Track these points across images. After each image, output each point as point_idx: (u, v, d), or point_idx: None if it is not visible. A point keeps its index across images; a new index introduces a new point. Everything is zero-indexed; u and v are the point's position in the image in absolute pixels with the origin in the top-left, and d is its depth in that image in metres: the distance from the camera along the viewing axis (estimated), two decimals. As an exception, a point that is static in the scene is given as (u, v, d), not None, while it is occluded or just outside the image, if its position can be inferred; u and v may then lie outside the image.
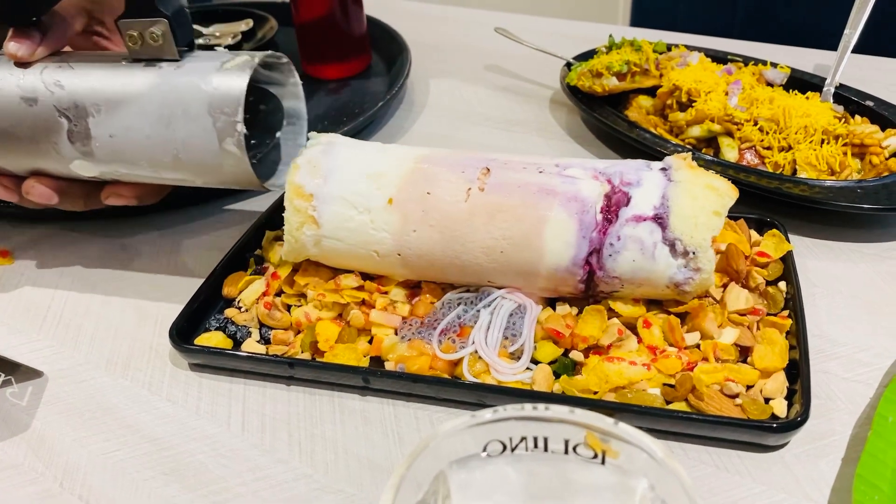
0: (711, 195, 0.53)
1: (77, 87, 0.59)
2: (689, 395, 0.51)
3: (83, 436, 0.54)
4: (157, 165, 0.60)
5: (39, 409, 0.57)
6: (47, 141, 0.61)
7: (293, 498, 0.49)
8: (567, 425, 0.36)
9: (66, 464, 0.52)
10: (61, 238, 0.76)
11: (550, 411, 0.36)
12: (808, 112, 0.72)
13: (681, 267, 0.53)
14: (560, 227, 0.54)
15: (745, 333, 0.54)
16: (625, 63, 0.82)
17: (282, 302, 0.61)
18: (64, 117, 0.59)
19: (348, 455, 0.51)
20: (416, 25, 1.19)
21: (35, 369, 0.60)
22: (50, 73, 0.60)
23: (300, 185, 0.58)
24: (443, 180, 0.57)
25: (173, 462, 0.52)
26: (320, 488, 0.49)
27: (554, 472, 0.37)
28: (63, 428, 0.55)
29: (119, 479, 0.51)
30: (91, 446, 0.53)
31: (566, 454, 0.36)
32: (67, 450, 0.53)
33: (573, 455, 0.36)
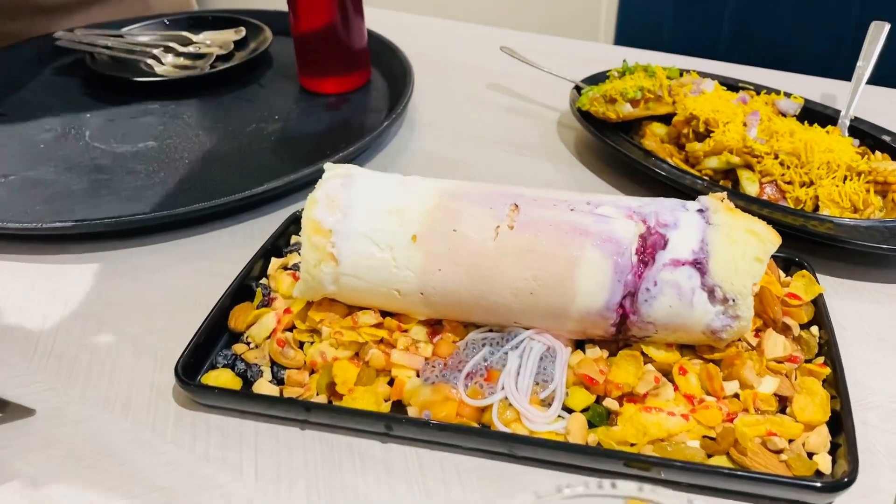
0: (753, 240, 0.51)
1: None
2: (731, 449, 0.49)
3: (82, 485, 0.51)
4: None
5: (32, 453, 0.53)
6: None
7: (316, 558, 0.46)
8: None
9: (67, 518, 0.49)
10: (51, 261, 0.72)
11: (617, 489, 0.33)
12: (831, 147, 0.71)
13: (719, 314, 0.51)
14: (594, 269, 0.52)
15: (785, 383, 0.52)
16: (639, 89, 0.80)
17: (295, 338, 0.58)
18: None
19: (372, 510, 0.49)
20: (419, 40, 1.16)
21: (25, 407, 0.56)
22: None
23: (318, 221, 0.55)
24: (469, 217, 0.54)
25: (184, 516, 0.48)
26: (345, 548, 0.47)
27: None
28: (59, 475, 0.51)
29: (126, 536, 0.47)
30: (92, 497, 0.50)
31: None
32: (65, 500, 0.49)
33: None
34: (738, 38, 1.36)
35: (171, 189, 0.79)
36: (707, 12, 1.35)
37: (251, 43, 1.10)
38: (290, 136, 0.90)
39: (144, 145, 0.88)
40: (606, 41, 2.05)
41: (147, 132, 0.91)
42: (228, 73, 1.02)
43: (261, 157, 0.85)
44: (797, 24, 1.33)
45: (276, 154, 0.86)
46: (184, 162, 0.84)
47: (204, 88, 1.01)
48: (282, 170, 0.77)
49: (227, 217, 0.76)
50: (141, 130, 0.91)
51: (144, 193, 0.79)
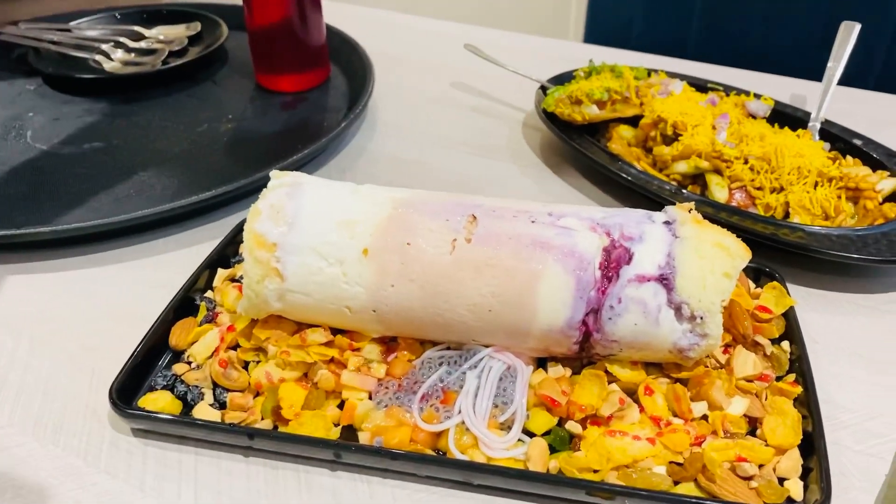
0: (721, 255, 0.49)
1: None
2: (699, 476, 0.46)
3: (5, 521, 0.47)
4: None
5: (-48, 484, 0.49)
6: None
7: None
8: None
9: (-16, 560, 0.45)
10: (-18, 272, 0.68)
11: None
12: (802, 152, 0.68)
13: (686, 332, 0.49)
14: (555, 284, 0.49)
15: (755, 403, 0.50)
16: (605, 90, 0.78)
17: (238, 358, 0.54)
18: None
19: (319, 546, 0.45)
20: (380, 36, 1.12)
21: (-53, 433, 0.52)
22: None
23: (262, 234, 0.51)
24: (424, 229, 0.51)
25: (113, 557, 0.45)
26: (287, 589, 0.43)
27: None
28: (-20, 510, 0.47)
29: (48, 580, 0.44)
30: (14, 536, 0.46)
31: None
32: (-15, 541, 0.46)
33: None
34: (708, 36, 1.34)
35: (115, 194, 0.75)
36: (677, 9, 1.32)
37: (206, 38, 1.06)
38: (244, 137, 0.86)
39: (90, 146, 0.84)
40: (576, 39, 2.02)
41: (93, 133, 0.86)
42: (181, 70, 0.98)
43: (211, 160, 0.81)
44: (768, 23, 1.32)
45: (228, 156, 0.82)
46: (130, 165, 0.80)
47: (155, 86, 0.96)
48: (233, 173, 0.74)
49: (173, 224, 0.72)
50: (86, 131, 0.87)
51: (87, 199, 0.74)
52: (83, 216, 0.70)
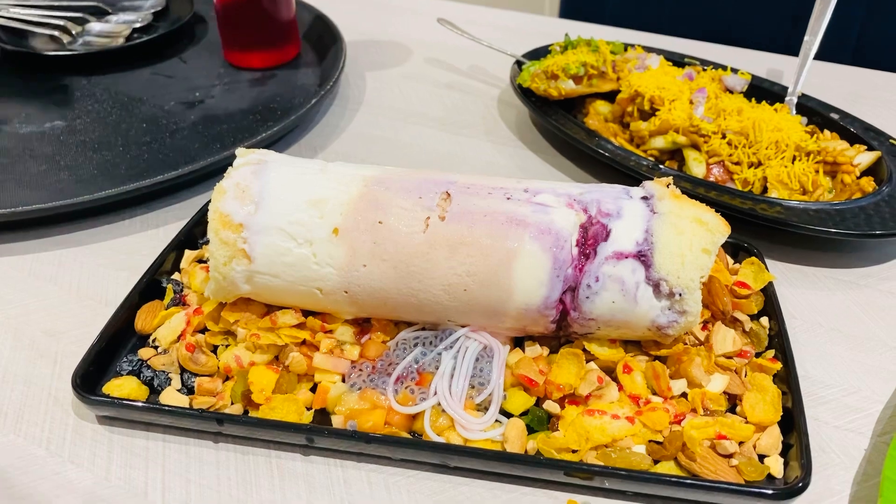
0: (700, 230, 0.48)
1: None
2: (679, 454, 0.45)
3: (-37, 513, 0.45)
4: None
5: None
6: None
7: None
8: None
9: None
10: (-61, 256, 0.65)
11: None
12: (780, 126, 0.68)
13: (665, 309, 0.48)
14: (532, 263, 0.48)
15: (735, 380, 0.49)
16: (581, 65, 0.76)
17: (206, 341, 0.53)
18: None
19: (291, 533, 0.44)
20: (352, 12, 1.10)
21: None
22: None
23: (227, 214, 0.50)
24: (397, 207, 0.49)
25: (78, 549, 0.43)
26: (259, 578, 0.42)
27: None
28: (-62, 503, 0.45)
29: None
30: (-27, 529, 0.44)
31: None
32: (-57, 535, 0.44)
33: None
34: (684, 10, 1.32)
35: (78, 174, 0.72)
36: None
37: (172, 14, 1.03)
38: (212, 115, 0.83)
39: (51, 126, 0.81)
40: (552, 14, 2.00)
41: (55, 111, 0.84)
42: (147, 47, 0.95)
43: (178, 139, 0.78)
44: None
45: (196, 135, 0.79)
46: (94, 144, 0.77)
47: (120, 63, 0.93)
48: (200, 152, 0.71)
49: (139, 205, 0.70)
50: (48, 109, 0.84)
51: (48, 180, 0.72)
52: (44, 197, 0.67)
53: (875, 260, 0.64)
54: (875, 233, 0.60)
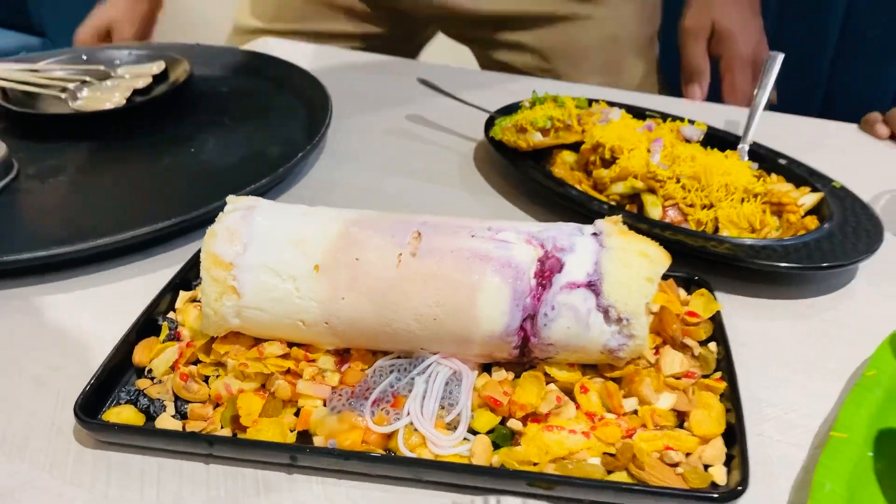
0: (644, 262, 0.53)
1: None
2: (629, 465, 0.50)
3: (-28, 532, 0.49)
4: None
5: (-80, 500, 0.51)
6: None
7: None
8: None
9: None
10: (-51, 300, 0.70)
11: None
12: (729, 171, 0.74)
13: (615, 333, 0.53)
14: (494, 294, 0.53)
15: (682, 398, 0.54)
16: (548, 119, 0.83)
17: (199, 372, 0.57)
18: None
19: (275, 543, 0.48)
20: (338, 72, 1.17)
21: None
22: None
23: (218, 255, 0.55)
24: (372, 245, 0.55)
25: (78, 559, 0.47)
26: (245, 582, 0.46)
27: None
28: (-52, 522, 0.49)
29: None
30: (-18, 543, 0.48)
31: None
32: (-46, 549, 0.48)
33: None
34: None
35: (77, 225, 0.77)
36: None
37: (170, 76, 1.10)
38: (205, 168, 0.89)
39: (54, 180, 0.86)
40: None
41: (57, 167, 0.89)
42: (146, 107, 1.01)
43: (173, 191, 0.84)
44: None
45: (190, 187, 0.85)
46: (93, 197, 0.83)
47: (120, 122, 1.00)
48: (194, 202, 0.77)
49: (135, 252, 0.75)
50: (51, 165, 0.90)
51: (49, 230, 0.77)
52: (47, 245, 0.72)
53: (818, 291, 0.69)
54: (816, 265, 0.66)
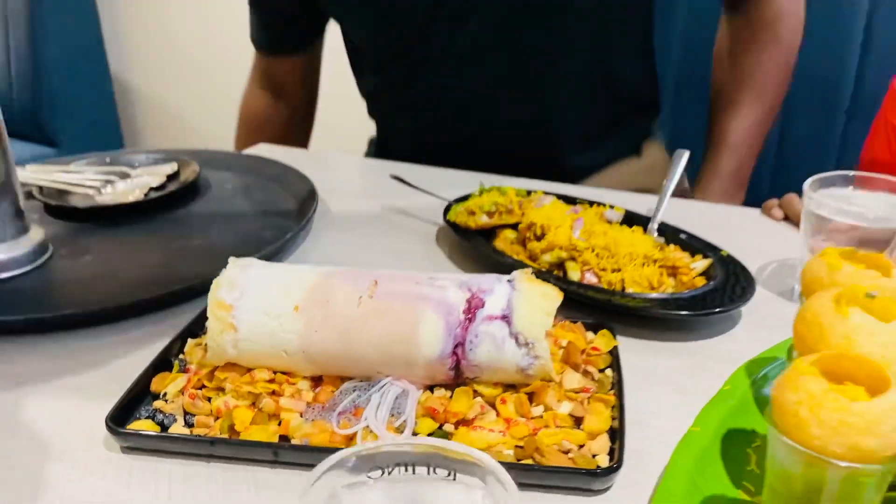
0: (543, 300, 0.70)
1: None
2: (534, 454, 0.65)
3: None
4: None
5: (-16, 490, 0.65)
6: None
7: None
8: (427, 454, 0.49)
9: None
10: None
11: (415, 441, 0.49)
12: (633, 242, 0.91)
13: (524, 355, 0.69)
14: (432, 325, 0.69)
15: (578, 407, 0.69)
16: (493, 204, 1.01)
17: (203, 394, 0.73)
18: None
19: (260, 513, 0.63)
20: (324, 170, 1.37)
21: (-23, 459, 0.69)
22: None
23: (221, 299, 0.71)
24: (339, 291, 0.71)
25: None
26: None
27: (419, 489, 0.50)
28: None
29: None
30: (34, 516, 0.62)
31: (428, 475, 0.49)
32: (13, 520, 0.62)
33: (433, 474, 0.49)
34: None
35: (105, 290, 0.94)
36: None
37: (182, 175, 1.29)
38: (210, 249, 1.06)
39: (83, 259, 1.04)
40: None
41: (83, 250, 1.06)
42: (160, 200, 1.20)
43: (184, 265, 1.01)
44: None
45: (197, 264, 1.02)
46: (115, 272, 1.00)
47: (139, 212, 1.18)
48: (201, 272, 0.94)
49: (153, 310, 0.91)
50: (78, 249, 1.06)
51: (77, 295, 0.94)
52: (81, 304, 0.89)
53: (705, 335, 0.86)
54: (695, 312, 0.83)
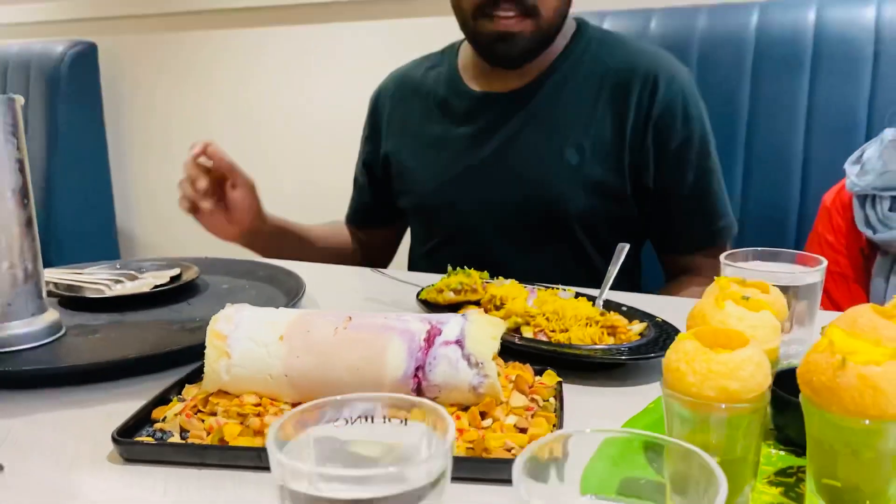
0: (490, 327, 0.83)
1: None
2: (482, 453, 0.75)
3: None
4: None
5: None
6: None
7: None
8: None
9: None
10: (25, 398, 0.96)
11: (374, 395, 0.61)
12: (578, 307, 1.05)
13: (475, 374, 0.81)
14: (396, 349, 0.82)
15: (523, 420, 0.80)
16: (459, 283, 1.16)
17: (198, 418, 0.83)
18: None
19: None
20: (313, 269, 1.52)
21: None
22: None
23: (219, 331, 0.84)
24: (319, 323, 0.85)
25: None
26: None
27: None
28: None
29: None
30: (45, 504, 0.72)
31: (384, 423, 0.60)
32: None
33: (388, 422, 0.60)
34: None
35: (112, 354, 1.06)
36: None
37: (184, 277, 1.44)
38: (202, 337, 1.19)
39: (92, 336, 1.16)
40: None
41: (94, 329, 1.19)
42: (164, 294, 1.34)
43: (183, 337, 1.14)
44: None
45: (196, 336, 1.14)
46: (122, 344, 1.12)
47: (143, 304, 1.31)
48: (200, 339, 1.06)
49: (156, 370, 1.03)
50: (90, 327, 1.19)
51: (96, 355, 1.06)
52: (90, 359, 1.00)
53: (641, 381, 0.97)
54: (633, 357, 0.95)
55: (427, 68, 1.72)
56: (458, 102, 1.63)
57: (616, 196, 1.54)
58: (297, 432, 0.59)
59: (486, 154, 1.57)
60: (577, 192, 1.52)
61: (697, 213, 1.56)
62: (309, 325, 0.84)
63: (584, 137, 1.51)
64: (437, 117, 1.65)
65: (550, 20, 1.46)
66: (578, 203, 1.52)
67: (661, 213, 1.57)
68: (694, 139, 1.52)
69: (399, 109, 1.71)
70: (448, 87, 1.64)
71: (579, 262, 1.58)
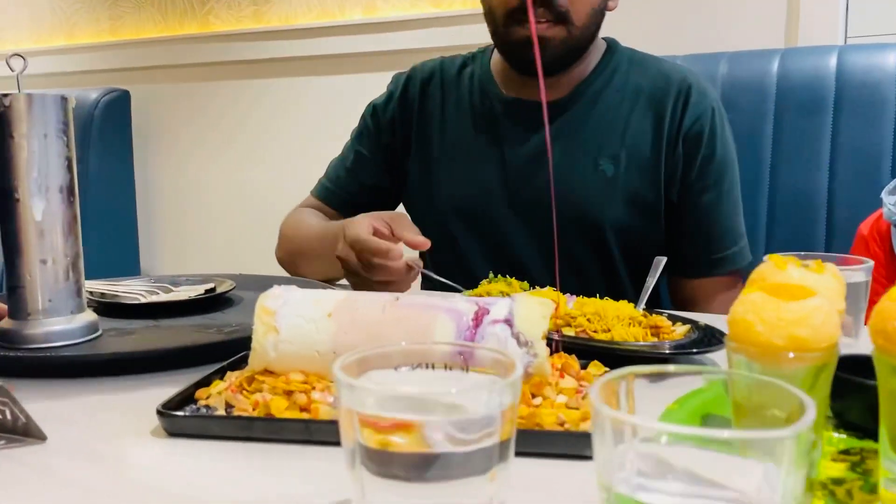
0: (540, 307, 0.82)
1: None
2: (534, 427, 0.74)
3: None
4: None
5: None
6: None
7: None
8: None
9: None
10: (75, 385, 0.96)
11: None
12: (620, 308, 1.05)
13: (525, 353, 0.80)
14: (444, 326, 0.81)
15: (573, 400, 0.79)
16: (500, 292, 1.16)
17: (243, 395, 0.83)
18: None
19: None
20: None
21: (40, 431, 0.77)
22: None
23: (267, 307, 0.84)
24: (367, 302, 0.84)
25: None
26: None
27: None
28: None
29: None
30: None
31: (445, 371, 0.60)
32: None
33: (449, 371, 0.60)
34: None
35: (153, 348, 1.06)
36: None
37: (218, 290, 1.44)
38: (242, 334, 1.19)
39: (132, 335, 1.16)
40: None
41: (130, 331, 1.19)
42: (199, 302, 1.34)
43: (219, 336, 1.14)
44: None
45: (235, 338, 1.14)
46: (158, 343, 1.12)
47: (179, 312, 1.31)
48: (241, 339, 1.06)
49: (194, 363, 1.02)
50: (126, 329, 1.19)
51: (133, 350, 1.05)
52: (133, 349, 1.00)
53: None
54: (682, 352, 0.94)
55: (460, 66, 1.71)
56: (492, 106, 1.60)
57: (650, 210, 1.54)
58: (360, 374, 0.58)
59: (520, 160, 1.58)
60: (613, 202, 1.52)
61: (707, 235, 1.56)
62: (357, 303, 0.84)
63: (621, 148, 1.53)
64: (470, 117, 1.64)
65: (582, 28, 1.48)
66: (613, 214, 1.52)
67: (675, 229, 1.57)
68: (716, 156, 1.53)
69: (433, 101, 1.67)
70: (481, 88, 1.63)
71: (605, 275, 1.57)
